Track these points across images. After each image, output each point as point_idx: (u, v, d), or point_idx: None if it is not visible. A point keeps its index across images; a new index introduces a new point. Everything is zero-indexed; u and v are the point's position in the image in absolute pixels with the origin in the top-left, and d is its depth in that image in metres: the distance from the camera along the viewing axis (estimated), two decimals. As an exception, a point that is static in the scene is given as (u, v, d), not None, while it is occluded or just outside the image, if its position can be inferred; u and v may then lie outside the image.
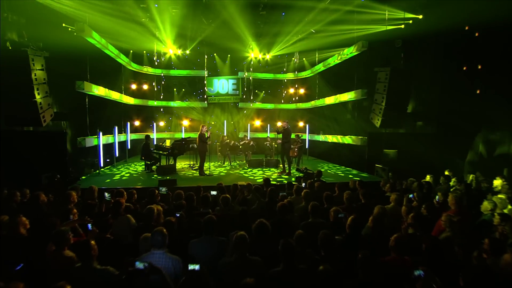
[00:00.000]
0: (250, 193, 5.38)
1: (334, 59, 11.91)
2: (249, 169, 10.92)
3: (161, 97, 15.42)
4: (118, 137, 11.71)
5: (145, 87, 14.94)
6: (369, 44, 9.79)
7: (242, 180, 8.75)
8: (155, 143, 14.23)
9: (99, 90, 9.96)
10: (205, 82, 15.51)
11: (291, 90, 16.46)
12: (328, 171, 10.86)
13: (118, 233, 4.38)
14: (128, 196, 5.52)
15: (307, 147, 13.92)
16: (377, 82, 9.15)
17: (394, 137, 9.58)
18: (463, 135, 8.50)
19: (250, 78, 15.79)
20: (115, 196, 5.09)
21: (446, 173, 7.75)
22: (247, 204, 4.84)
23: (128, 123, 12.69)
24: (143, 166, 10.50)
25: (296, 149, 11.73)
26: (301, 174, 8.55)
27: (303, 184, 6.68)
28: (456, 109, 8.18)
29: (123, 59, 12.26)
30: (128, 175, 9.52)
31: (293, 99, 16.53)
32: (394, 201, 5.40)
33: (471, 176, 6.99)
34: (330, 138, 12.57)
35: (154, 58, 14.38)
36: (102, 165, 9.55)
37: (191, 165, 11.13)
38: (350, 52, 10.56)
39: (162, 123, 15.62)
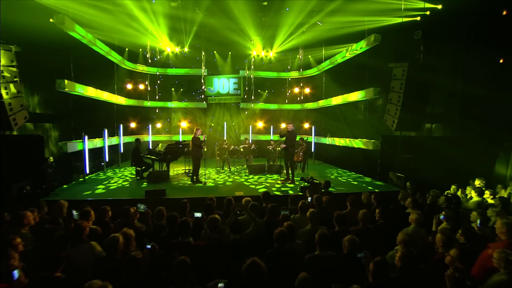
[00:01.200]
0: (244, 211, 4.44)
1: (342, 55, 10.91)
2: (250, 176, 10.00)
3: (157, 97, 14.56)
4: (109, 141, 10.89)
5: (141, 86, 14.12)
6: (382, 37, 8.81)
7: (240, 189, 7.83)
8: (150, 146, 13.43)
9: (85, 90, 9.13)
10: (202, 81, 14.59)
11: (296, 90, 15.49)
12: (339, 178, 9.87)
13: (78, 266, 3.51)
14: (100, 214, 4.64)
15: (313, 150, 12.95)
16: (392, 79, 8.15)
17: (411, 141, 8.57)
18: (490, 140, 7.46)
19: (252, 76, 14.84)
20: (81, 217, 4.21)
21: (477, 183, 6.71)
22: (240, 229, 3.91)
23: (121, 125, 11.86)
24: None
25: (300, 153, 10.77)
26: (305, 184, 7.58)
27: (309, 199, 5.73)
28: (483, 109, 7.16)
29: (115, 57, 11.44)
30: (116, 183, 8.66)
31: (298, 99, 15.56)
32: (415, 222, 4.45)
33: (508, 190, 5.95)
34: (338, 141, 11.57)
35: (148, 56, 13.51)
36: (88, 171, 8.71)
37: (187, 171, 10.24)
38: (360, 47, 9.56)
39: (159, 125, 14.79)
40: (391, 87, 8.20)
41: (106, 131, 10.15)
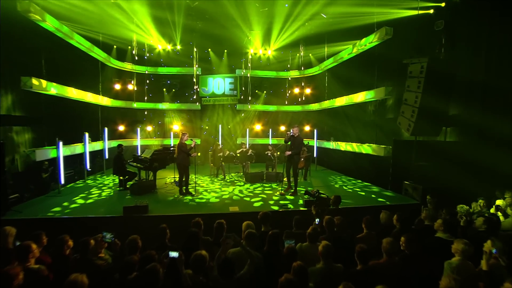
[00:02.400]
0: (237, 244, 3.45)
1: (349, 52, 9.97)
2: (246, 185, 9.00)
3: (146, 98, 13.51)
4: (92, 146, 9.87)
5: (130, 87, 13.08)
6: (394, 31, 7.90)
7: (234, 204, 6.82)
8: (138, 151, 12.41)
9: (61, 90, 8.11)
10: (194, 80, 13.56)
11: (296, 90, 14.52)
12: (344, 187, 8.89)
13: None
14: (57, 247, 3.63)
15: (315, 155, 11.98)
16: (407, 77, 7.20)
17: (426, 146, 7.62)
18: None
19: (249, 76, 13.85)
20: (17, 252, 3.20)
21: (508, 196, 5.78)
22: (231, 272, 2.92)
23: (106, 129, 10.82)
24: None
25: (302, 159, 9.78)
26: (307, 197, 6.61)
27: (317, 220, 4.76)
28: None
29: (99, 54, 10.42)
30: (95, 195, 7.62)
31: (299, 99, 14.57)
32: (461, 254, 3.51)
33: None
34: (344, 146, 10.61)
35: (134, 52, 12.49)
36: (62, 182, 7.67)
37: (175, 181, 9.21)
38: (370, 41, 8.63)
39: (150, 128, 13.76)
40: (406, 86, 7.25)
41: (87, 135, 9.13)
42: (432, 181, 7.11)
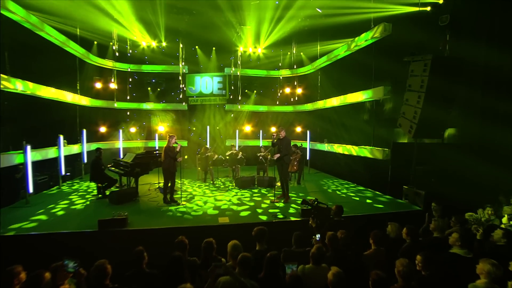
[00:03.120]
0: (229, 273, 2.85)
1: (344, 49, 9.51)
2: (236, 191, 8.41)
3: (128, 97, 12.72)
4: (68, 149, 9.06)
5: (112, 85, 12.25)
6: (393, 27, 7.49)
7: (225, 210, 6.22)
8: (121, 154, 11.63)
9: (28, 87, 7.29)
10: (180, 78, 12.84)
11: (287, 90, 14.02)
12: (337, 192, 8.42)
13: None
14: (3, 282, 2.94)
15: (307, 158, 11.51)
16: (409, 76, 6.78)
17: (428, 149, 7.22)
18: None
19: (239, 74, 13.25)
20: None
21: (517, 204, 5.43)
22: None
23: (84, 131, 10.01)
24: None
25: (295, 163, 9.28)
26: (305, 206, 6.08)
27: (318, 236, 4.22)
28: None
29: (75, 49, 9.59)
30: (68, 204, 6.86)
31: (291, 99, 14.06)
32: (486, 276, 3.05)
33: None
34: (337, 148, 10.14)
35: (115, 48, 11.71)
36: (30, 191, 6.87)
37: (159, 187, 8.53)
38: (366, 38, 8.19)
39: (133, 129, 12.95)
40: (408, 86, 6.83)
41: (62, 138, 8.32)
42: (435, 186, 6.73)
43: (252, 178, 9.09)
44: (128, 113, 12.84)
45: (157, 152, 8.86)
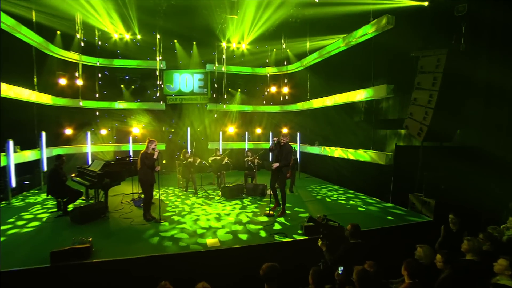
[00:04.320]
0: None
1: (338, 45, 8.79)
2: (223, 200, 7.42)
3: (97, 95, 11.31)
4: (20, 156, 7.65)
5: (79, 82, 10.78)
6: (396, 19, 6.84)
7: (212, 228, 5.21)
8: (89, 161, 10.26)
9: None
10: (157, 73, 11.61)
11: (274, 89, 13.15)
12: (327, 198, 7.66)
13: None
14: None
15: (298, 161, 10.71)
16: (417, 73, 6.13)
17: (436, 153, 6.62)
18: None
19: (224, 69, 12.20)
20: None
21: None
22: None
23: (44, 134, 8.59)
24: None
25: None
26: (306, 223, 5.25)
27: (340, 270, 3.36)
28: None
29: (30, 37, 8.16)
30: (16, 226, 5.56)
31: (281, 99, 13.16)
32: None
33: None
34: (333, 152, 9.41)
35: (78, 36, 10.31)
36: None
37: (136, 198, 7.36)
38: (366, 32, 7.50)
39: (104, 131, 11.54)
40: (416, 84, 6.17)
41: (11, 143, 6.94)
42: (444, 193, 6.12)
43: (240, 186, 8.13)
44: (97, 113, 11.41)
45: (131, 158, 7.69)
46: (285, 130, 6.39)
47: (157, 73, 11.36)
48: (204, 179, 9.37)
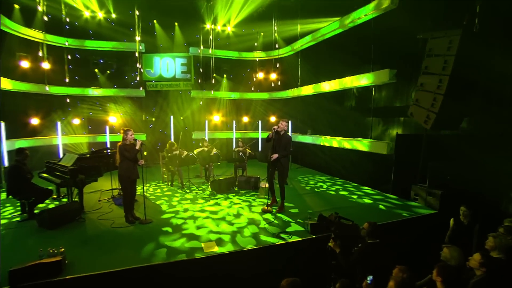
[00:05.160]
0: None
1: (334, 27, 8.23)
2: (213, 195, 6.81)
3: (67, 80, 10.14)
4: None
5: (45, 65, 9.56)
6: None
7: (209, 238, 4.60)
8: (60, 154, 9.25)
9: None
10: (137, 55, 10.54)
11: (261, 75, 12.44)
12: (316, 189, 7.26)
13: None
14: None
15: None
16: (425, 56, 5.70)
17: (439, 142, 6.31)
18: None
19: (211, 51, 11.28)
20: None
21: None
22: None
23: (2, 124, 7.51)
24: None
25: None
26: (309, 220, 4.78)
27: (369, 279, 2.88)
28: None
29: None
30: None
31: (267, 85, 12.49)
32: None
33: None
34: (330, 142, 8.96)
35: (39, 9, 9.09)
36: None
37: (116, 196, 6.58)
38: (366, 13, 6.97)
39: (77, 121, 10.43)
40: (423, 68, 5.75)
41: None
42: (450, 184, 5.84)
43: (231, 179, 7.52)
44: (68, 100, 10.27)
45: (108, 151, 6.86)
46: (283, 121, 5.74)
47: (137, 54, 10.25)
48: (191, 172, 8.66)
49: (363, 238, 3.92)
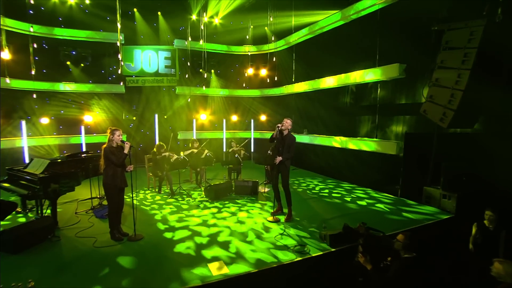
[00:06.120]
0: None
1: (335, 19, 7.73)
2: (207, 202, 6.07)
3: (33, 73, 8.91)
4: None
5: (5, 54, 8.28)
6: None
7: (214, 255, 3.88)
8: (25, 159, 8.11)
9: None
10: (118, 44, 9.38)
11: (250, 71, 11.70)
12: (308, 191, 6.75)
13: None
14: None
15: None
16: (441, 49, 5.30)
17: (451, 141, 5.98)
18: None
19: (202, 42, 10.35)
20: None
21: None
22: None
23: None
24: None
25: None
26: (324, 230, 4.24)
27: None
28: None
29: None
30: None
31: (267, 80, 11.61)
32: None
33: None
34: (323, 141, 8.48)
35: None
36: None
37: (97, 206, 5.66)
38: (372, 3, 6.51)
39: (46, 120, 9.20)
40: (439, 62, 5.35)
41: None
42: (465, 186, 5.51)
43: (227, 184, 6.81)
44: (35, 96, 9.03)
45: (86, 154, 5.92)
46: (288, 119, 5.16)
47: (118, 43, 9.12)
48: (180, 176, 7.83)
49: (396, 251, 3.41)
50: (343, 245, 4.09)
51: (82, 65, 9.69)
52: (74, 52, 9.53)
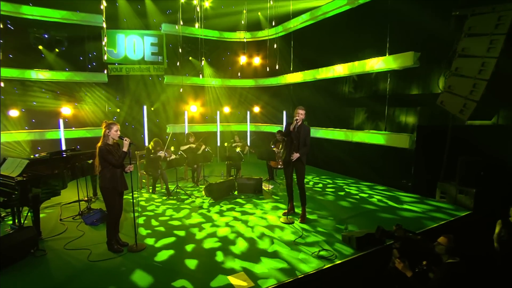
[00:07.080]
0: None
1: (339, 4, 7.27)
2: (209, 202, 5.53)
3: None
4: None
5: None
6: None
7: (232, 267, 3.36)
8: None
9: None
10: (104, 25, 8.36)
11: (243, 58, 11.00)
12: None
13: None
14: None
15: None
16: (462, 36, 4.99)
17: (467, 134, 5.75)
18: None
19: (198, 25, 9.50)
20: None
21: None
22: None
23: None
24: None
25: (281, 155, 6.83)
26: (346, 232, 3.86)
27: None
28: None
29: None
30: None
31: (267, 69, 10.83)
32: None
33: None
34: (334, 135, 8.08)
35: None
36: None
37: (85, 212, 4.94)
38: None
39: (15, 113, 8.12)
40: (460, 50, 5.04)
41: None
42: (484, 181, 5.31)
43: (230, 182, 6.26)
44: (2, 85, 7.93)
45: (73, 150, 5.17)
46: (301, 109, 4.67)
47: (104, 25, 8.08)
48: (172, 174, 7.15)
49: (436, 256, 3.07)
50: (369, 249, 3.75)
51: (57, 50, 8.61)
52: (46, 36, 8.43)
